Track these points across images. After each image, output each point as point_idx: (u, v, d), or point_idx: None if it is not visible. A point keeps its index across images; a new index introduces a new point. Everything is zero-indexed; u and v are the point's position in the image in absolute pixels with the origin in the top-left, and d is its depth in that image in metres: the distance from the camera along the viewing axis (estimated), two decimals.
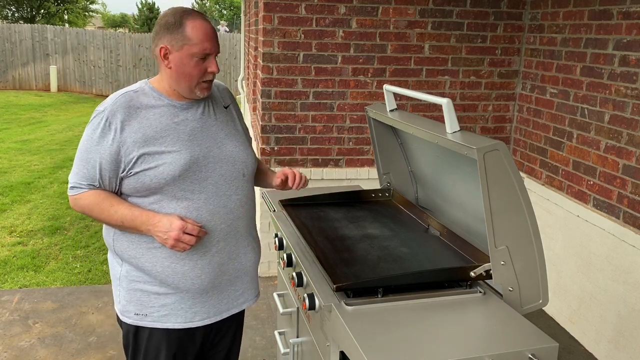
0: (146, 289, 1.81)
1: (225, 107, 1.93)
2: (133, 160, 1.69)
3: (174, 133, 1.74)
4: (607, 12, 3.15)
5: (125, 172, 1.71)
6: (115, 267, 1.85)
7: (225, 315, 1.93)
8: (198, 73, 1.73)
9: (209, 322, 1.89)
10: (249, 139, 2.00)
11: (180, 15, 1.71)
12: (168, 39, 1.70)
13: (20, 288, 4.07)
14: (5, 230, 5.31)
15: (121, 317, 1.85)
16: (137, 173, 1.70)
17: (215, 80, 1.99)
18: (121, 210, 1.72)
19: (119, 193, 1.77)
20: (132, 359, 1.90)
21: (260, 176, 2.17)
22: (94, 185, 1.73)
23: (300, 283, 1.87)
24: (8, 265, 4.50)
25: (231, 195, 1.84)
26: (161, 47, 1.72)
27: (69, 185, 1.76)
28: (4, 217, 5.65)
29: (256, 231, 2.03)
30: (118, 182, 1.74)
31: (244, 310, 2.06)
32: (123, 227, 1.75)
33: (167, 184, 1.72)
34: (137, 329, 1.85)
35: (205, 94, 1.78)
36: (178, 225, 1.68)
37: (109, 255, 1.90)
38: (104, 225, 1.86)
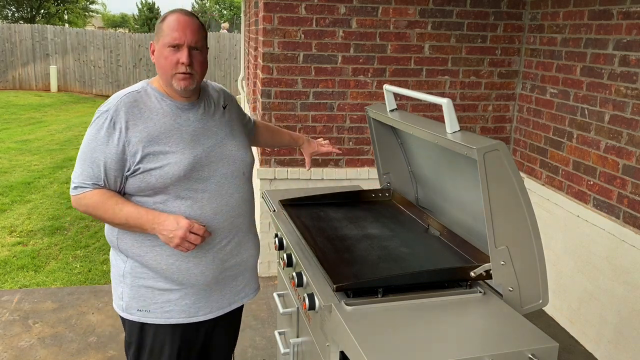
0: (150, 284, 1.83)
1: (224, 107, 1.97)
2: (138, 160, 1.72)
3: (177, 133, 1.78)
4: (607, 12, 3.15)
5: (130, 172, 1.74)
6: (119, 264, 1.87)
7: (227, 309, 1.97)
8: (170, 64, 1.74)
9: (212, 317, 1.93)
10: (250, 123, 2.23)
11: (166, 13, 1.80)
12: (155, 36, 1.80)
13: (20, 288, 4.07)
14: (5, 230, 5.31)
15: (124, 315, 1.87)
16: (142, 173, 1.73)
17: (212, 82, 2.05)
18: (126, 208, 1.74)
19: (122, 193, 1.79)
20: (137, 356, 1.91)
21: (277, 136, 2.40)
22: (98, 185, 1.75)
23: (300, 283, 1.87)
24: (8, 265, 4.50)
25: (233, 193, 1.89)
26: (150, 44, 1.82)
27: (72, 185, 1.77)
28: (4, 217, 5.65)
29: (255, 227, 2.08)
30: (122, 181, 1.76)
31: (242, 305, 2.11)
32: (127, 226, 1.77)
33: (172, 183, 1.75)
34: (142, 326, 1.87)
35: (182, 86, 1.76)
36: (185, 224, 1.71)
37: (112, 253, 1.92)
38: (106, 225, 1.87)
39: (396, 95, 2.19)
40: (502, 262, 1.66)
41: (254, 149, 4.66)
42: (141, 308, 1.85)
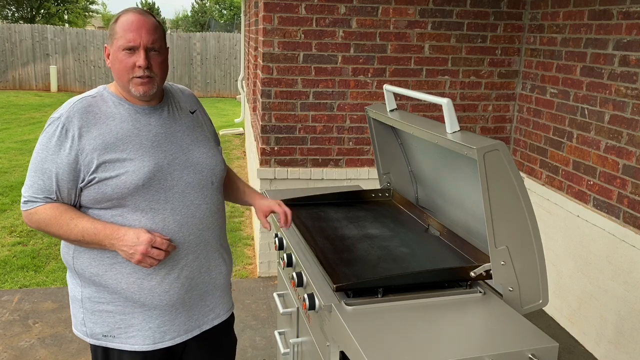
0: (111, 309, 1.72)
1: (192, 112, 1.85)
2: (92, 169, 1.60)
3: (137, 139, 1.65)
4: (607, 12, 3.15)
5: (84, 182, 1.62)
6: (76, 288, 1.75)
7: (196, 332, 1.84)
8: (126, 67, 1.63)
9: (180, 341, 1.80)
10: (219, 146, 1.92)
11: (119, 13, 1.68)
12: (108, 38, 1.69)
13: (20, 288, 4.07)
14: (5, 230, 5.31)
15: (90, 340, 1.76)
16: (97, 182, 1.61)
17: (180, 86, 1.94)
18: (82, 223, 1.61)
19: (77, 206, 1.68)
20: None
21: (231, 190, 2.07)
22: (50, 198, 1.63)
23: (300, 283, 1.87)
24: (8, 265, 4.50)
25: (200, 204, 1.75)
26: (105, 47, 1.70)
27: (23, 199, 1.64)
28: (4, 217, 5.65)
29: (227, 241, 1.95)
30: (77, 193, 1.64)
31: (224, 325, 1.96)
32: (84, 243, 1.64)
33: (130, 193, 1.62)
34: (106, 351, 1.77)
35: (141, 91, 1.65)
36: (146, 239, 1.59)
37: (68, 275, 1.79)
38: (62, 243, 1.75)
39: (396, 95, 2.19)
40: (502, 262, 1.67)
41: (255, 149, 4.66)
42: (106, 333, 1.73)
